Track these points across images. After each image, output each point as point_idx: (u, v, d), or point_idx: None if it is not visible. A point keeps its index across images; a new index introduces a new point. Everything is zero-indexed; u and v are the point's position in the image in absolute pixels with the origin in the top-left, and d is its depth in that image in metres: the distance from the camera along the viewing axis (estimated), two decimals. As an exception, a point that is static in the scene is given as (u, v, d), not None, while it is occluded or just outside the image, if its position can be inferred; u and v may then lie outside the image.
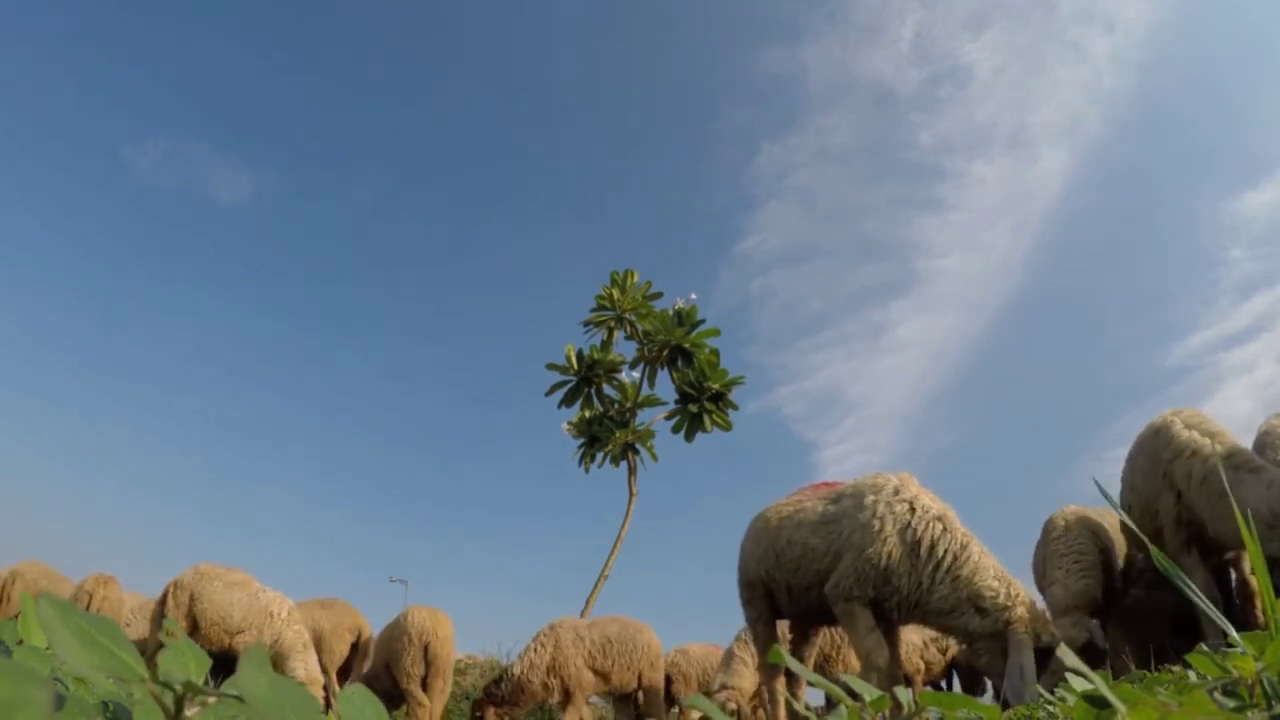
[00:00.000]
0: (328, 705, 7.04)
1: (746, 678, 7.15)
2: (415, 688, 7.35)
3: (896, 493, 4.34)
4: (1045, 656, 3.87)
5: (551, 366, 15.75)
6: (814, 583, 4.57)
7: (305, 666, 6.91)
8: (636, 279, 15.48)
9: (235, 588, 7.13)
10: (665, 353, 15.17)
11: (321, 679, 7.18)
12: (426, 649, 7.46)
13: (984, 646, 3.98)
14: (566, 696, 7.49)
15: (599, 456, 15.28)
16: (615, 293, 15.33)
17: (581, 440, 15.53)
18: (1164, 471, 4.65)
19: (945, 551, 4.05)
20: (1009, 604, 3.92)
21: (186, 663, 0.59)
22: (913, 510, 4.22)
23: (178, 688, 0.49)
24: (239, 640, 6.88)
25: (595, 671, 7.63)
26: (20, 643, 0.99)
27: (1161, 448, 4.74)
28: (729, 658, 7.45)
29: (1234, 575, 4.84)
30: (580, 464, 15.55)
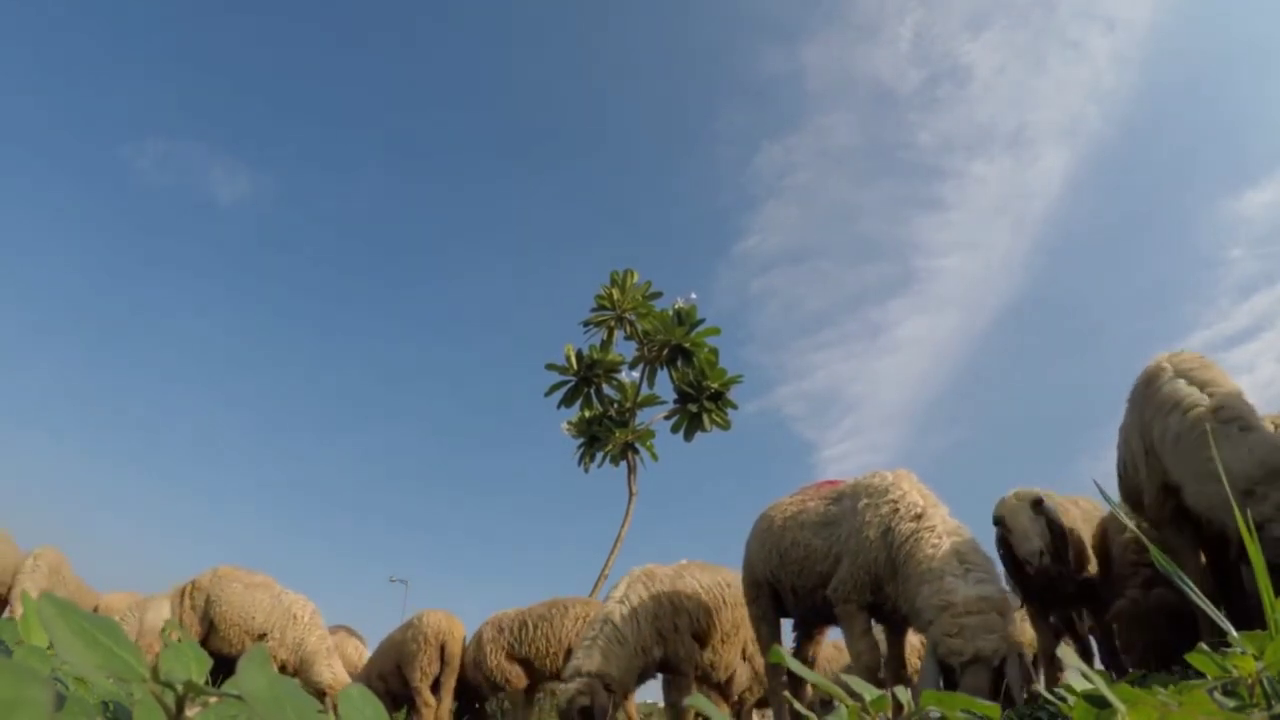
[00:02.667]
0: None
1: (614, 662, 5.15)
2: (425, 688, 7.43)
3: (885, 494, 4.21)
4: (947, 675, 3.38)
5: (551, 366, 15.75)
6: (818, 584, 4.53)
7: (332, 671, 6.98)
8: (636, 279, 15.48)
9: (257, 589, 7.16)
10: (665, 352, 15.16)
11: (349, 683, 7.22)
12: (442, 649, 7.54)
13: None
14: (502, 689, 7.39)
15: (599, 456, 15.28)
16: (615, 292, 15.32)
17: (581, 440, 15.52)
18: (1143, 429, 3.93)
19: (906, 555, 3.86)
20: (922, 609, 3.58)
21: (187, 663, 0.59)
22: (895, 511, 4.07)
23: (178, 687, 0.49)
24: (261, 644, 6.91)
25: (519, 660, 7.20)
26: (20, 643, 0.98)
27: (1145, 401, 3.97)
28: (595, 633, 5.33)
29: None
30: (580, 464, 15.56)
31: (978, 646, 3.33)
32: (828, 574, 4.43)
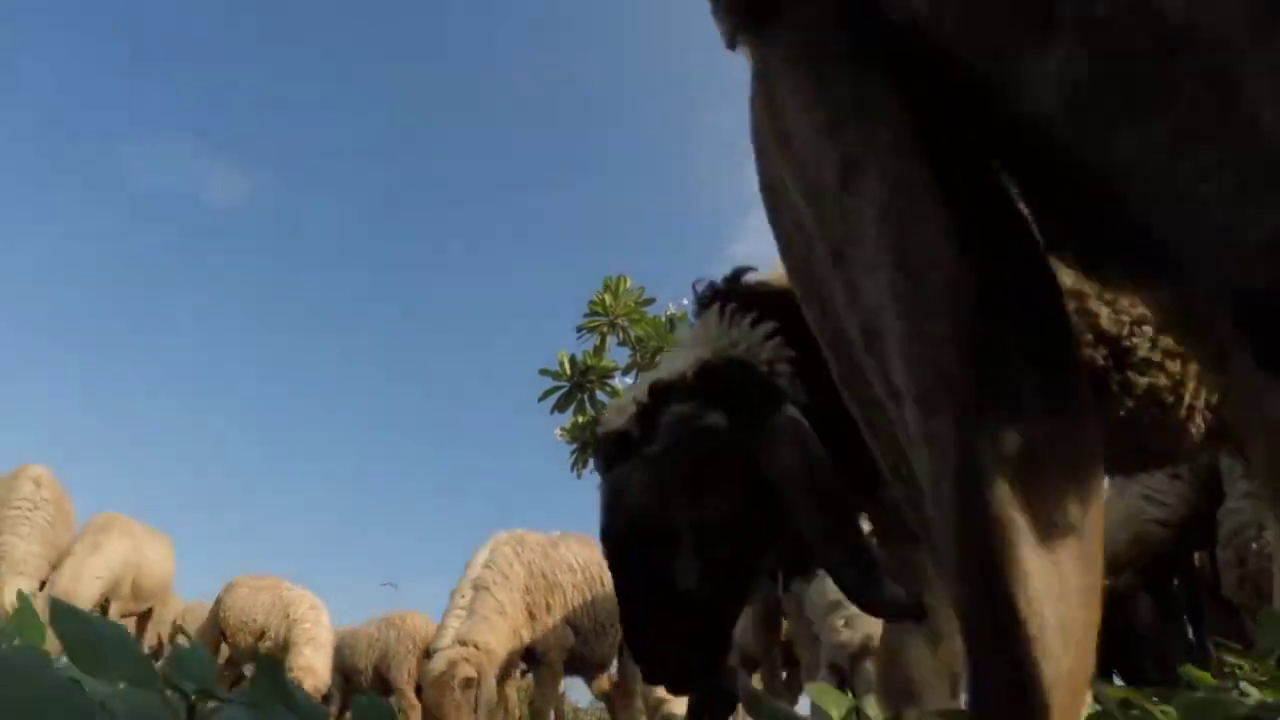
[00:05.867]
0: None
1: (501, 631, 4.30)
2: (410, 690, 7.41)
3: None
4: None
5: (544, 372, 15.73)
6: None
7: (302, 657, 7.00)
8: (629, 285, 15.51)
9: (261, 591, 7.31)
10: (657, 359, 15.20)
11: (321, 671, 7.20)
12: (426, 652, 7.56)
13: None
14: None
15: (591, 463, 15.28)
16: (608, 298, 15.34)
17: (574, 446, 15.52)
18: None
19: None
20: (810, 617, 3.18)
21: (193, 666, 0.60)
22: None
23: (189, 693, 0.49)
24: (263, 644, 7.05)
25: None
26: (20, 642, 0.98)
27: None
28: (468, 599, 4.36)
29: None
30: (573, 470, 15.55)
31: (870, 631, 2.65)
32: None
